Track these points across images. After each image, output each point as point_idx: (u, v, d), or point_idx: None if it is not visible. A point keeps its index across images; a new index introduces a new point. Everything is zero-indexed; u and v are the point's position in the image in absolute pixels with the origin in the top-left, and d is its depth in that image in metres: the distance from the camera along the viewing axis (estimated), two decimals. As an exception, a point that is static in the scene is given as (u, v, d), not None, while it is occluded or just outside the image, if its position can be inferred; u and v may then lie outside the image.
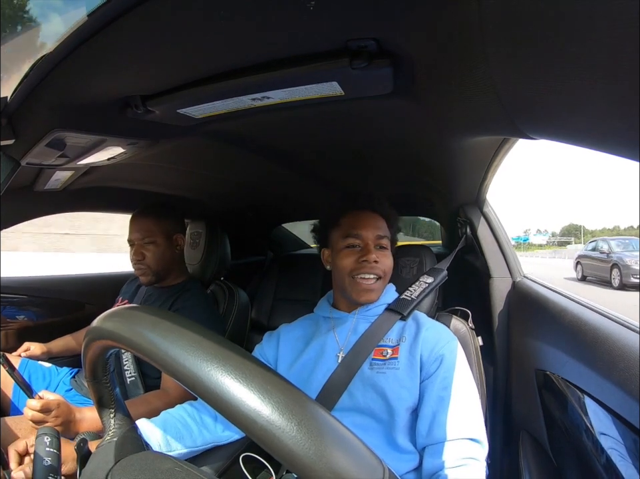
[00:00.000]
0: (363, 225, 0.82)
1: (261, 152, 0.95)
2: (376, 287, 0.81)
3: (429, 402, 0.71)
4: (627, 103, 0.31)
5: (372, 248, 0.80)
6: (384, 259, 0.81)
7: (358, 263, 0.79)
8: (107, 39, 0.45)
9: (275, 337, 0.90)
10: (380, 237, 0.82)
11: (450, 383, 0.71)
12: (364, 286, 0.79)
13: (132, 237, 1.15)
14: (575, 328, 0.71)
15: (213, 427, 0.77)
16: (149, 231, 1.14)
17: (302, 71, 0.52)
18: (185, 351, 0.27)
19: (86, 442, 0.49)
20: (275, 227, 2.05)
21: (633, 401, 0.50)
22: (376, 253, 0.80)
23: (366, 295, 0.80)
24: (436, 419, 0.69)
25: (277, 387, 0.25)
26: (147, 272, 1.14)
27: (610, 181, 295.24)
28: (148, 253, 1.13)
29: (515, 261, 1.11)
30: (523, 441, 0.85)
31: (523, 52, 0.35)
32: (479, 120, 0.60)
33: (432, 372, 0.73)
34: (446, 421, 0.68)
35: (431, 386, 0.72)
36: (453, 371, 0.73)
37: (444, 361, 0.73)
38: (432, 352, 0.74)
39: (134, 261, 1.14)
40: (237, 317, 1.29)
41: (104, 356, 0.40)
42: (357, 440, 0.26)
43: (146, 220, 1.15)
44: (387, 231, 0.85)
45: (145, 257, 1.13)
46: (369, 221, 0.83)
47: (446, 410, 0.69)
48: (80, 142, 0.73)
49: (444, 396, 0.70)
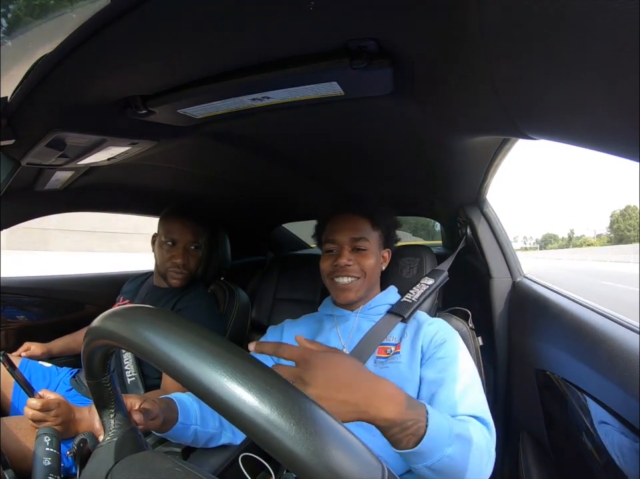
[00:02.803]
0: (338, 230, 0.85)
1: (261, 152, 0.95)
2: (354, 286, 0.83)
3: (427, 385, 0.71)
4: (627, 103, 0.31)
5: (345, 252, 0.82)
6: (360, 260, 0.83)
7: (333, 267, 0.83)
8: (107, 39, 0.45)
9: (279, 331, 0.91)
10: (356, 239, 0.84)
11: (447, 366, 0.70)
12: (339, 286, 0.83)
13: (176, 238, 1.11)
14: (575, 328, 0.71)
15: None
16: (198, 235, 1.13)
17: (302, 71, 0.52)
18: (185, 351, 0.27)
19: (86, 442, 0.49)
20: (275, 227, 2.05)
21: (633, 401, 0.50)
22: (350, 256, 0.82)
23: (343, 295, 0.83)
24: (434, 400, 0.67)
25: (276, 387, 0.25)
26: (186, 277, 1.12)
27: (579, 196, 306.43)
28: (192, 258, 1.12)
29: (515, 261, 1.11)
30: (523, 441, 0.85)
31: (523, 52, 0.35)
32: (479, 120, 0.60)
33: (430, 356, 0.73)
34: (445, 401, 0.65)
35: (428, 370, 0.72)
36: (451, 356, 0.72)
37: (443, 346, 0.74)
38: (432, 340, 0.76)
39: (175, 265, 1.09)
40: (237, 317, 1.29)
41: (104, 356, 0.40)
42: (356, 440, 0.26)
43: (196, 224, 1.13)
44: (368, 231, 0.86)
45: (189, 262, 1.11)
46: (345, 224, 0.85)
47: (445, 391, 0.67)
48: (80, 142, 0.73)
49: (444, 377, 0.69)
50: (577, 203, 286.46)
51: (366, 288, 0.85)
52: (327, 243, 0.86)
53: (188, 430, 0.72)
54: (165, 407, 0.67)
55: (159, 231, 1.15)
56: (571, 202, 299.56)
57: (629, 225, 66.56)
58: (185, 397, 0.75)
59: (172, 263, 1.10)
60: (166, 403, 0.69)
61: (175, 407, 0.70)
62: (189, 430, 0.72)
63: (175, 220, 1.13)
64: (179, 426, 0.69)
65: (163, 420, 0.65)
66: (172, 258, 1.10)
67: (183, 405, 0.72)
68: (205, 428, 0.75)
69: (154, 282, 1.20)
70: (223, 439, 0.80)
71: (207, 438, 0.77)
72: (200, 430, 0.74)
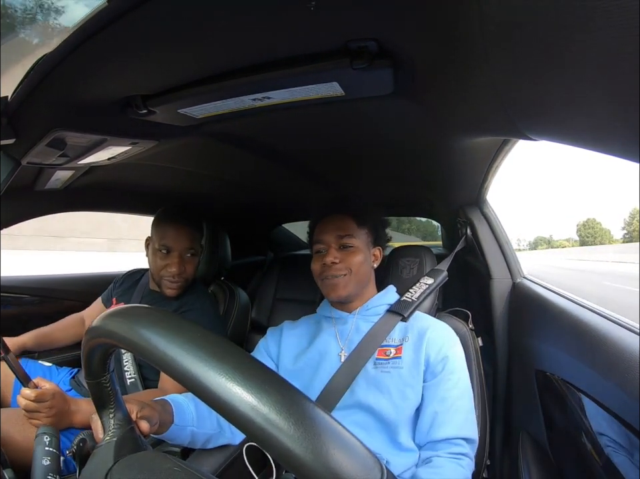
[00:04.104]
0: (325, 230, 0.86)
1: (262, 152, 0.95)
2: (341, 281, 0.82)
3: (432, 402, 0.73)
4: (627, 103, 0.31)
5: (332, 250, 0.83)
6: (347, 257, 0.83)
7: (322, 266, 0.84)
8: (108, 39, 0.45)
9: (278, 333, 0.91)
10: (341, 236, 0.85)
11: (453, 385, 0.74)
12: (329, 283, 0.83)
13: (172, 245, 1.02)
14: (574, 329, 0.71)
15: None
16: (194, 241, 1.06)
17: (302, 71, 0.52)
18: (184, 351, 0.27)
19: (86, 442, 0.49)
20: (275, 227, 2.05)
21: (633, 402, 0.50)
22: (337, 254, 0.83)
23: (333, 292, 0.83)
24: (437, 418, 0.72)
25: (275, 387, 0.25)
26: (182, 286, 1.05)
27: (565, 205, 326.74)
28: (188, 266, 1.05)
29: (515, 262, 1.11)
30: (523, 441, 0.85)
31: (524, 53, 0.35)
32: (479, 121, 0.60)
33: (437, 374, 0.75)
34: (446, 421, 0.71)
35: (435, 387, 0.74)
36: (456, 373, 0.75)
37: (449, 363, 0.75)
38: (439, 354, 0.76)
39: (170, 274, 1.02)
40: (237, 317, 1.29)
41: (104, 356, 0.40)
42: (355, 440, 0.26)
43: (193, 231, 1.06)
44: (354, 229, 0.86)
45: (185, 270, 1.04)
46: (330, 224, 0.86)
47: (447, 410, 0.72)
48: (81, 142, 0.73)
49: (446, 397, 0.73)
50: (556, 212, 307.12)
51: (355, 284, 0.84)
52: (316, 243, 0.87)
53: (184, 431, 0.71)
54: (160, 409, 0.67)
55: (152, 236, 1.08)
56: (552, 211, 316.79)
57: (588, 233, 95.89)
58: (181, 398, 0.75)
59: (167, 271, 1.03)
60: (161, 405, 0.69)
61: (170, 409, 0.70)
62: (185, 431, 0.72)
63: (169, 225, 1.05)
64: (174, 428, 0.69)
65: (159, 422, 0.65)
66: (167, 267, 1.03)
67: (178, 406, 0.72)
68: (202, 429, 0.74)
69: (150, 286, 1.16)
70: (221, 440, 0.80)
71: (205, 439, 0.77)
72: (197, 431, 0.73)
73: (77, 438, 0.50)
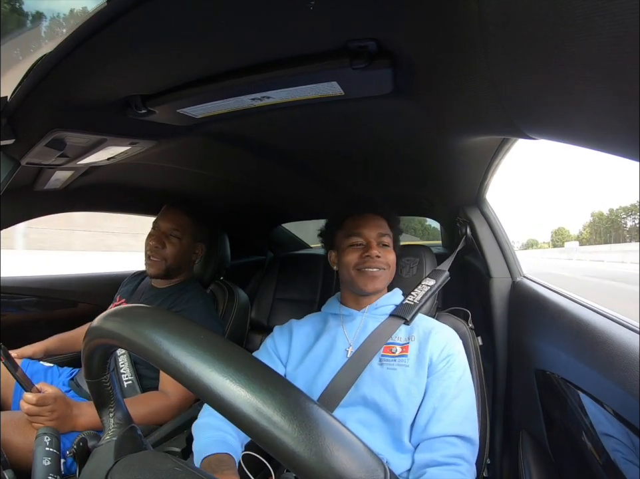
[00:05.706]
0: (365, 225, 0.88)
1: (261, 152, 0.95)
2: (381, 275, 0.85)
3: (431, 398, 0.73)
4: (627, 103, 0.31)
5: (374, 244, 0.85)
6: (386, 254, 0.87)
7: (362, 258, 0.85)
8: (107, 39, 0.45)
9: (287, 332, 0.91)
10: (382, 234, 0.88)
11: (454, 382, 0.74)
12: (369, 274, 0.84)
13: (160, 223, 1.13)
14: (574, 328, 0.71)
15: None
16: (181, 226, 1.13)
17: (302, 71, 0.52)
18: (187, 351, 0.27)
19: (86, 442, 0.49)
20: (275, 227, 2.05)
21: (633, 400, 0.50)
22: (378, 249, 0.85)
23: (372, 283, 0.84)
24: (435, 414, 0.72)
25: (278, 388, 0.25)
26: (159, 264, 1.12)
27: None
28: (169, 246, 1.12)
29: (515, 261, 1.11)
30: (523, 441, 0.85)
31: (523, 52, 0.35)
32: (479, 120, 0.60)
33: (439, 371, 0.76)
34: (443, 417, 0.71)
35: (436, 383, 0.74)
36: (458, 371, 0.76)
37: (451, 361, 0.76)
38: (442, 352, 0.77)
39: (150, 248, 1.11)
40: (236, 317, 1.29)
41: (104, 356, 0.40)
42: (359, 442, 0.26)
43: (183, 215, 1.14)
44: (388, 230, 0.90)
45: (165, 247, 1.11)
46: (370, 221, 0.89)
47: (446, 407, 0.72)
48: (80, 142, 0.73)
49: (446, 394, 0.73)
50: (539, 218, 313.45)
51: (387, 280, 0.88)
52: (353, 236, 0.88)
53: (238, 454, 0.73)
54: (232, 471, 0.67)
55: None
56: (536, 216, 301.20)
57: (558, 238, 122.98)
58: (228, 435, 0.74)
59: (148, 246, 1.11)
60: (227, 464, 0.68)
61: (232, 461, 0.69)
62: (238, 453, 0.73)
63: (166, 210, 1.15)
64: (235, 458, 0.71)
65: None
66: (149, 241, 1.11)
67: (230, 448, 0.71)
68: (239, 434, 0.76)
69: (151, 282, 1.20)
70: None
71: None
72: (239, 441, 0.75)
73: (77, 438, 0.49)
